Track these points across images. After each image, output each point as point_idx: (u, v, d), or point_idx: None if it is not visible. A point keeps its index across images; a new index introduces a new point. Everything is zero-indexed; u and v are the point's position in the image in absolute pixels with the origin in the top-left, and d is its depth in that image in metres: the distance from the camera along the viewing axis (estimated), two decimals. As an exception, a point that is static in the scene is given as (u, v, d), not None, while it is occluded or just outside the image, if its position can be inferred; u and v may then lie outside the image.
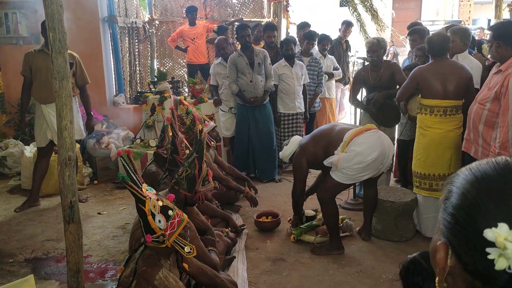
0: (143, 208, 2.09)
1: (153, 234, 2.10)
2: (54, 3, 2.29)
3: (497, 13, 6.68)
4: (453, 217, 0.67)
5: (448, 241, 0.68)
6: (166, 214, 2.12)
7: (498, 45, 3.07)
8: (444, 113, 3.54)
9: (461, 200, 0.67)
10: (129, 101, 6.70)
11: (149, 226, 2.10)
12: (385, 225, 3.79)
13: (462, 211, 0.66)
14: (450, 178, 0.74)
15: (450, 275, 0.68)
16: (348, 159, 3.35)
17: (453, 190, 0.70)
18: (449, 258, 0.68)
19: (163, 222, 2.10)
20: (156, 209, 2.10)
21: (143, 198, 2.09)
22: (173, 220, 2.14)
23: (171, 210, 2.16)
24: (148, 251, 2.19)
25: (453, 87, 3.51)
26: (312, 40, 5.86)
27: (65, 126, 2.40)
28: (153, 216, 2.09)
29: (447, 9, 15.30)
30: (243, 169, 5.31)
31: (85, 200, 4.83)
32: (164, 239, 2.11)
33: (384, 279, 3.12)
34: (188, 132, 5.57)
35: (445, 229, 0.69)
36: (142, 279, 2.07)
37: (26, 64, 4.44)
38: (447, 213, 0.69)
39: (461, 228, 0.66)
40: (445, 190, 0.73)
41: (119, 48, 6.44)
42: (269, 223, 4.00)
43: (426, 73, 3.61)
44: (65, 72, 2.37)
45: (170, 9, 7.47)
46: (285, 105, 5.58)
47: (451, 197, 0.70)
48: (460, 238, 0.66)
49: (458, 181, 0.71)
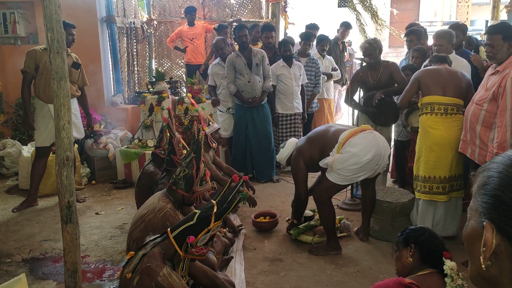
0: (211, 222, 2.24)
1: (194, 240, 2.22)
2: (52, 4, 2.30)
3: (495, 14, 6.70)
4: (498, 198, 0.73)
5: (492, 221, 0.73)
6: (208, 240, 2.28)
7: (510, 45, 3.08)
8: (445, 111, 3.52)
9: (506, 181, 0.73)
10: (127, 101, 6.71)
11: (197, 233, 2.22)
12: (383, 226, 3.80)
13: (508, 191, 0.72)
14: (483, 167, 0.81)
15: (494, 253, 0.73)
16: (343, 160, 3.35)
17: (493, 175, 0.76)
18: (494, 237, 0.73)
19: (203, 242, 2.25)
20: (213, 232, 2.26)
21: (220, 219, 2.28)
22: (203, 250, 2.28)
23: (211, 242, 2.33)
24: (158, 248, 2.20)
25: (452, 85, 3.54)
26: (308, 41, 5.87)
27: (63, 126, 2.41)
28: (207, 232, 2.24)
29: (445, 10, 15.34)
30: (241, 169, 5.32)
31: (83, 200, 4.83)
32: (187, 249, 2.24)
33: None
34: (186, 132, 5.58)
35: (488, 210, 0.74)
36: (145, 275, 2.07)
37: (31, 61, 4.37)
38: (488, 196, 0.75)
39: (509, 206, 0.72)
40: (479, 178, 0.79)
41: (117, 48, 6.44)
42: (267, 223, 4.01)
43: (426, 73, 3.64)
44: (63, 72, 2.37)
45: (169, 9, 7.47)
46: (283, 105, 5.58)
47: (491, 182, 0.76)
48: (508, 216, 0.71)
49: (497, 167, 0.77)
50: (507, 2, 6.83)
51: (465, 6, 14.17)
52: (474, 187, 0.80)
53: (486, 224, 0.74)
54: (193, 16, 6.83)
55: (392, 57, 10.69)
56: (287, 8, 6.87)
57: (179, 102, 5.77)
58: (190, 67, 6.98)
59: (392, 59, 5.96)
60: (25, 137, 6.01)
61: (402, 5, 12.02)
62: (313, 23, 6.63)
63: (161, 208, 2.68)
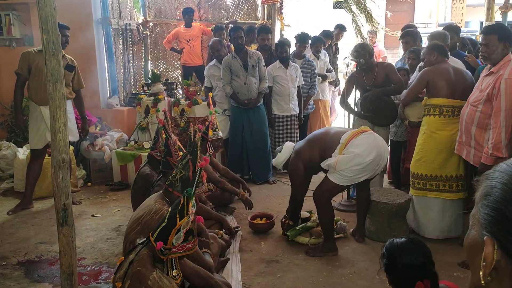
0: (177, 220, 2.15)
1: (164, 244, 2.15)
2: (47, 6, 2.29)
3: (489, 15, 6.73)
4: (500, 212, 0.68)
5: (493, 236, 0.69)
6: (187, 236, 2.19)
7: (504, 46, 3.10)
8: (452, 113, 3.57)
9: (509, 195, 0.68)
10: (123, 103, 6.69)
11: (167, 236, 2.15)
12: (379, 227, 3.81)
13: (511, 206, 0.67)
14: (486, 174, 0.75)
15: (494, 269, 0.69)
16: (346, 160, 3.36)
17: (496, 185, 0.71)
18: (495, 252, 0.68)
19: (179, 240, 2.17)
20: (184, 228, 2.17)
21: (186, 215, 2.17)
22: (186, 245, 2.20)
23: (192, 236, 2.22)
24: (146, 251, 2.19)
25: (460, 87, 3.56)
26: (304, 43, 5.89)
27: (59, 128, 2.40)
28: (177, 231, 2.15)
29: (439, 11, 15.39)
30: (237, 171, 5.32)
31: (78, 203, 4.81)
32: (167, 253, 2.17)
33: (378, 280, 3.13)
34: (182, 134, 5.57)
35: (489, 224, 0.70)
36: (135, 279, 2.07)
37: (24, 63, 4.38)
38: (490, 208, 0.70)
39: (511, 223, 0.67)
40: (482, 186, 0.74)
41: (113, 50, 6.42)
42: (263, 225, 4.01)
43: (435, 73, 3.63)
44: (59, 74, 2.36)
45: (164, 11, 7.46)
46: (279, 107, 5.59)
47: (494, 193, 0.70)
48: (510, 233, 0.67)
49: (501, 177, 0.71)
50: (501, 4, 6.86)
51: (460, 7, 14.24)
52: (477, 194, 0.75)
53: (486, 239, 0.70)
54: (190, 17, 6.83)
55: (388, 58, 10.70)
56: (283, 10, 6.88)
57: (175, 103, 5.77)
58: (187, 68, 6.98)
59: (388, 61, 5.98)
60: (20, 139, 5.98)
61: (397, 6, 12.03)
62: (327, 31, 6.73)
63: (157, 210, 2.68)
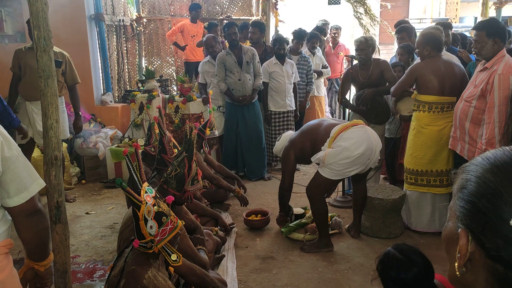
0: (137, 212, 2.07)
1: (141, 239, 2.08)
2: (38, 1, 2.25)
3: (484, 11, 6.74)
4: (474, 205, 0.69)
5: (467, 228, 0.70)
6: (159, 220, 2.10)
7: (494, 42, 3.10)
8: (441, 109, 3.59)
9: (482, 188, 0.69)
10: (117, 99, 6.65)
11: (140, 231, 2.08)
12: (374, 222, 3.81)
13: (484, 199, 0.68)
14: (463, 167, 0.76)
15: (469, 260, 0.70)
16: (334, 154, 3.35)
17: (470, 179, 0.72)
18: (469, 244, 0.69)
19: (155, 228, 2.08)
20: (150, 215, 2.07)
21: (139, 203, 2.07)
22: (166, 227, 2.11)
23: (165, 216, 2.13)
24: (138, 250, 2.17)
25: (449, 83, 3.56)
26: (301, 40, 5.86)
27: (51, 125, 2.37)
28: (146, 222, 2.06)
29: (434, 7, 15.41)
30: (232, 167, 5.31)
31: (72, 200, 4.78)
32: (152, 245, 2.10)
33: (373, 275, 3.14)
34: (176, 131, 5.55)
35: (464, 216, 0.71)
36: (131, 278, 2.06)
37: (15, 61, 4.41)
38: (465, 201, 0.71)
39: (484, 215, 0.67)
40: (459, 179, 0.75)
41: (106, 46, 6.37)
42: (258, 222, 4.01)
43: (424, 69, 3.63)
44: (50, 70, 2.33)
45: (158, 7, 7.42)
46: (275, 103, 5.57)
47: (468, 186, 0.72)
48: (483, 225, 0.67)
49: (475, 170, 0.72)
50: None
51: (454, 3, 14.26)
52: (454, 187, 0.77)
53: (461, 231, 0.71)
54: (198, 13, 6.78)
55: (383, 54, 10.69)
56: (278, 6, 6.85)
57: (170, 100, 5.74)
58: (189, 64, 6.93)
59: (383, 56, 5.97)
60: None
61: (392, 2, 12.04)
62: (321, 27, 6.75)
63: (152, 207, 2.66)
